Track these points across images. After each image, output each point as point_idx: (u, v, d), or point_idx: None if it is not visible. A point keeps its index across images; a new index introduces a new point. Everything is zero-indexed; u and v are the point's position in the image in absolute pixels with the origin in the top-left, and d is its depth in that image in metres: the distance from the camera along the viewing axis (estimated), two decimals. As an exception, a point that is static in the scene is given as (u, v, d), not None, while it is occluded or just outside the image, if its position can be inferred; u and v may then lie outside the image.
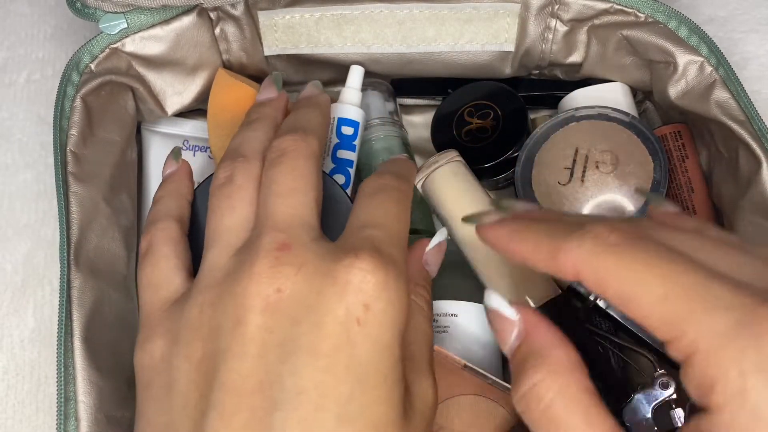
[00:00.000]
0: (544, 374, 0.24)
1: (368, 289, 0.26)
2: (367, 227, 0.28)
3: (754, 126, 0.37)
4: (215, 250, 0.29)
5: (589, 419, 0.23)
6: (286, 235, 0.28)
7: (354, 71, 0.43)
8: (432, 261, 0.33)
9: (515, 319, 0.26)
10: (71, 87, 0.39)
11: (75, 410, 0.33)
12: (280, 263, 0.27)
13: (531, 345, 0.25)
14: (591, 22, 0.41)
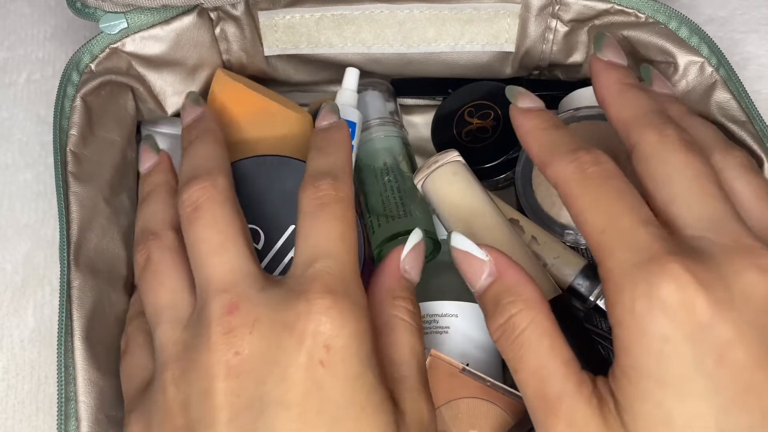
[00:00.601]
0: (521, 307, 0.28)
1: (326, 330, 0.26)
2: (312, 261, 0.28)
3: (756, 126, 0.36)
4: (164, 327, 0.29)
5: (553, 344, 0.27)
6: (230, 295, 0.28)
7: (349, 73, 0.43)
8: (411, 266, 0.32)
9: (486, 260, 0.29)
10: (71, 87, 0.38)
11: (76, 410, 0.33)
12: (232, 326, 0.27)
13: (505, 283, 0.29)
14: (591, 22, 0.41)
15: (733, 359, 0.24)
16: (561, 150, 0.29)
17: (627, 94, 0.31)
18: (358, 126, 0.42)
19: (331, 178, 0.31)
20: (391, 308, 0.31)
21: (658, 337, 0.24)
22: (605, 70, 0.32)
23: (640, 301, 0.25)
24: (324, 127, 0.35)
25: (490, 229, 0.36)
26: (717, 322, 0.24)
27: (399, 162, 0.43)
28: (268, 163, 0.37)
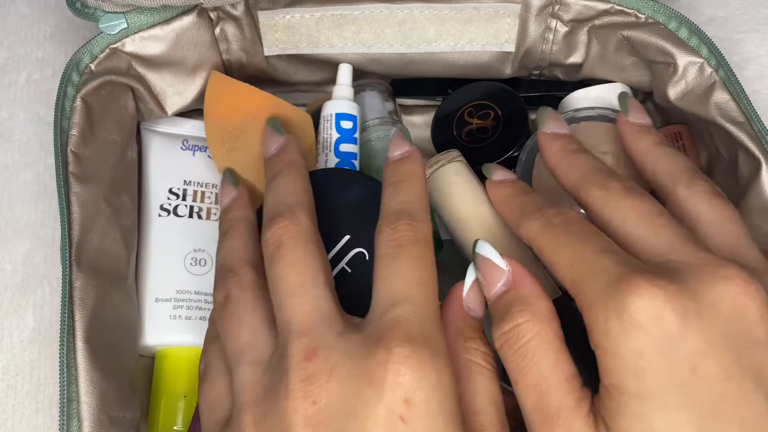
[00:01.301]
0: (528, 317, 0.28)
1: (406, 382, 0.25)
2: (391, 307, 0.27)
3: (754, 128, 0.37)
4: (244, 369, 0.29)
5: (557, 359, 0.27)
6: (309, 339, 0.27)
7: (343, 68, 0.43)
8: (473, 303, 0.31)
9: (506, 269, 0.30)
10: (71, 87, 0.38)
11: (77, 411, 0.33)
12: (309, 373, 0.26)
13: (519, 292, 0.29)
14: (591, 22, 0.41)
15: (706, 370, 0.24)
16: (528, 210, 0.32)
17: (571, 158, 0.34)
18: (358, 119, 0.42)
19: (408, 218, 0.30)
20: (464, 352, 0.29)
21: (632, 353, 0.25)
22: (550, 141, 0.35)
23: (612, 321, 0.25)
24: (397, 158, 0.34)
25: (491, 229, 0.36)
26: (687, 333, 0.25)
27: (399, 162, 0.43)
28: (334, 175, 0.37)
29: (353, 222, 0.31)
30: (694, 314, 0.25)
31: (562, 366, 0.27)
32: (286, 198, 0.32)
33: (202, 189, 0.43)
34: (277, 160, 0.35)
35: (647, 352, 0.25)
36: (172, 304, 0.40)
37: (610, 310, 0.25)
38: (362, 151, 0.44)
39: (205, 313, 0.40)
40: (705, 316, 0.25)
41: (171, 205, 0.42)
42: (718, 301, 0.25)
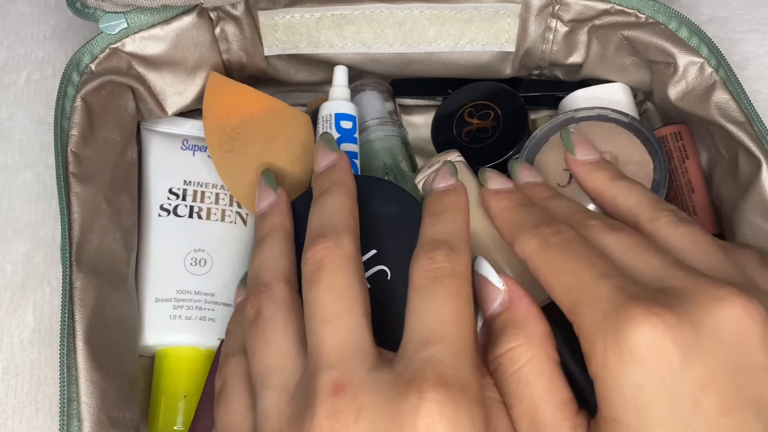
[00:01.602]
0: (523, 341, 0.27)
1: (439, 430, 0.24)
2: (425, 345, 0.26)
3: (754, 127, 0.37)
4: (270, 394, 0.28)
5: (552, 386, 0.27)
6: (339, 372, 0.26)
7: (338, 70, 0.43)
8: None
9: (502, 289, 0.30)
10: (71, 87, 0.38)
11: (78, 411, 0.33)
12: (336, 410, 0.25)
13: (513, 314, 0.29)
14: (591, 22, 0.41)
15: (708, 404, 0.24)
16: (525, 227, 0.31)
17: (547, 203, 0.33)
18: (356, 119, 0.42)
19: (447, 249, 0.29)
20: (484, 389, 0.28)
21: (632, 386, 0.24)
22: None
23: (611, 352, 0.25)
24: (441, 189, 0.33)
25: (491, 229, 0.36)
26: (688, 366, 0.24)
27: (399, 162, 0.43)
28: (370, 184, 0.35)
29: (382, 237, 0.30)
30: (695, 344, 0.24)
31: (556, 392, 0.27)
32: (332, 219, 0.31)
33: (202, 189, 0.43)
34: (327, 177, 0.34)
35: (647, 386, 0.24)
36: (172, 304, 0.40)
37: (609, 341, 0.25)
38: (362, 151, 0.44)
39: (205, 313, 0.40)
40: (706, 345, 0.24)
41: (171, 205, 0.42)
42: (719, 327, 0.24)
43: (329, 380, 0.26)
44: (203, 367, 0.39)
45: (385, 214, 0.34)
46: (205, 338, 0.40)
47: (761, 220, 0.37)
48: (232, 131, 0.41)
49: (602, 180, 0.34)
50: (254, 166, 0.41)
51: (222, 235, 0.42)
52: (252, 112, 0.41)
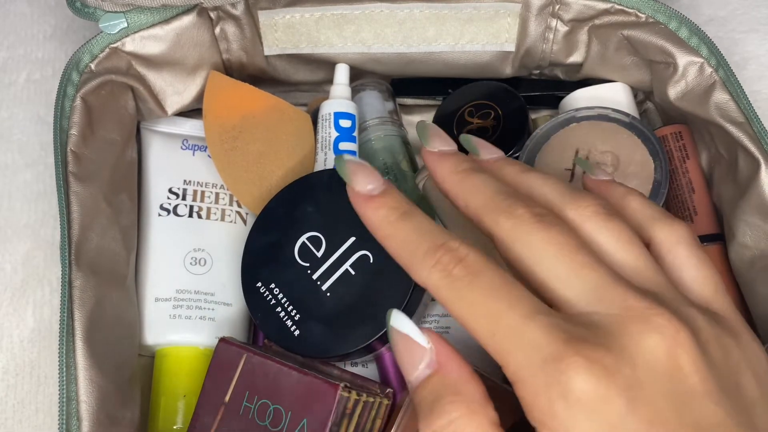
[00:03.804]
0: (463, 412, 0.25)
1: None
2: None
3: (754, 128, 0.37)
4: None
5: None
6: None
7: (340, 68, 0.43)
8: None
9: (427, 347, 0.26)
10: (71, 87, 0.38)
11: (77, 410, 0.33)
12: None
13: (445, 378, 0.26)
14: (592, 22, 0.41)
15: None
16: (418, 253, 0.27)
17: (466, 182, 0.29)
18: (356, 117, 0.42)
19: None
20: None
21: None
22: (438, 162, 0.31)
23: (557, 403, 0.23)
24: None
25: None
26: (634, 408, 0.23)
27: (399, 161, 0.43)
28: (330, 178, 0.37)
29: (359, 223, 0.31)
30: (636, 383, 0.23)
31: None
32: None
33: (202, 189, 0.43)
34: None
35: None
36: (171, 303, 0.40)
37: (554, 392, 0.23)
38: (362, 151, 0.44)
39: (205, 313, 0.40)
40: (645, 381, 0.24)
41: (171, 205, 0.42)
42: (653, 358, 0.24)
43: None
44: (203, 367, 0.39)
45: None
46: (204, 338, 0.40)
47: (760, 220, 0.37)
48: (232, 130, 0.41)
49: (513, 173, 0.31)
50: (254, 165, 0.41)
51: (222, 234, 0.42)
52: (252, 111, 0.41)
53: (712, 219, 0.41)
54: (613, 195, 0.31)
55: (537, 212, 0.27)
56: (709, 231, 0.40)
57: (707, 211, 0.41)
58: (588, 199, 0.28)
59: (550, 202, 0.29)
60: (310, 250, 0.35)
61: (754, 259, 0.37)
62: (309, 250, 0.35)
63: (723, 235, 0.40)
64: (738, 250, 0.38)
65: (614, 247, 0.27)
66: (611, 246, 0.27)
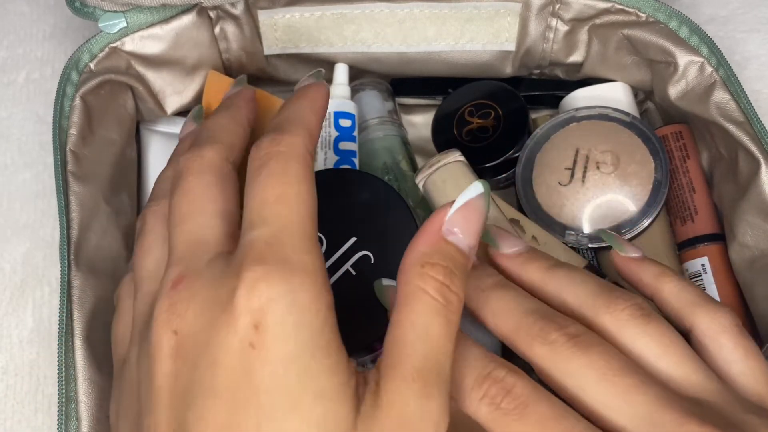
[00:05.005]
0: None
1: (255, 307, 0.23)
2: (248, 230, 0.25)
3: (754, 127, 0.36)
4: (139, 300, 0.28)
5: None
6: (181, 267, 0.26)
7: (339, 68, 0.43)
8: (461, 227, 0.26)
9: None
10: (71, 86, 0.38)
11: (76, 410, 0.33)
12: (172, 302, 0.25)
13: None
14: (592, 21, 0.41)
15: None
16: (465, 384, 0.26)
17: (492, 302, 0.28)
18: (356, 117, 0.42)
19: (274, 134, 0.27)
20: (416, 278, 0.25)
21: None
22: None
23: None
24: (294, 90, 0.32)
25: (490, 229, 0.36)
26: None
27: (399, 161, 0.43)
28: (341, 175, 0.37)
29: (359, 224, 0.30)
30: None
31: None
32: (204, 134, 0.30)
33: (202, 188, 0.43)
34: (220, 104, 0.34)
35: None
36: (171, 303, 0.40)
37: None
38: (361, 150, 0.44)
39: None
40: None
41: (170, 205, 0.42)
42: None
43: (171, 276, 0.26)
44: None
45: (358, 202, 0.34)
46: (204, 338, 0.40)
47: (760, 220, 0.36)
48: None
49: (539, 271, 0.30)
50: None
51: (221, 234, 0.42)
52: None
53: (712, 218, 0.40)
54: (645, 275, 0.30)
55: (572, 333, 0.26)
56: (709, 231, 0.40)
57: (707, 211, 0.41)
58: (622, 301, 0.27)
59: (582, 306, 0.28)
60: None
61: (754, 259, 0.37)
62: None
63: (723, 235, 0.40)
64: (738, 249, 0.38)
65: (656, 353, 0.26)
66: (653, 352, 0.26)
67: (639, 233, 0.39)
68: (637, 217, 0.39)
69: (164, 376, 0.24)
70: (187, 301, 0.25)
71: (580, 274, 0.29)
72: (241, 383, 0.23)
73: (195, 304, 0.24)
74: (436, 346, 0.24)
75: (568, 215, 0.39)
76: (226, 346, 0.23)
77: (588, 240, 0.39)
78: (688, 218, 0.41)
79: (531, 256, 0.31)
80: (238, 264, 0.24)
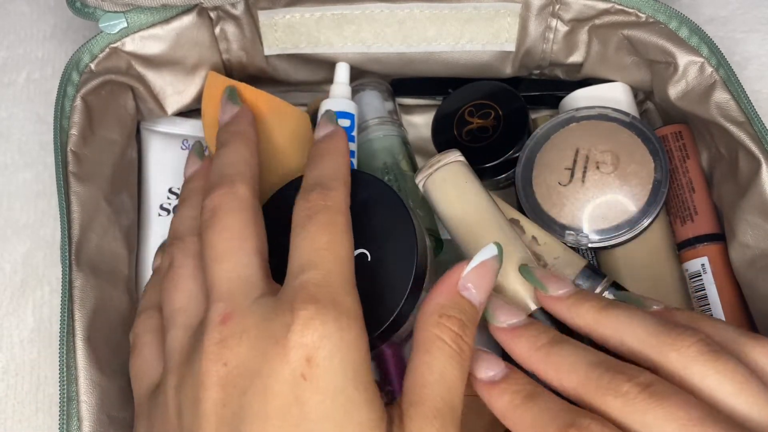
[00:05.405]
0: None
1: (308, 342, 0.26)
2: (300, 272, 0.28)
3: (754, 127, 0.36)
4: (175, 332, 0.30)
5: None
6: (226, 304, 0.28)
7: (340, 67, 0.43)
8: (475, 284, 0.29)
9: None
10: (71, 86, 0.38)
11: (77, 410, 0.33)
12: (222, 337, 0.27)
13: None
14: (592, 22, 0.41)
15: None
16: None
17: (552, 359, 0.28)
18: (355, 117, 0.42)
19: (320, 188, 0.31)
20: (434, 327, 0.28)
21: None
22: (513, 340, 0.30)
23: None
24: (320, 137, 0.35)
25: (491, 229, 0.36)
26: None
27: (399, 161, 0.43)
28: None
29: (356, 222, 0.31)
30: None
31: None
32: (227, 168, 0.32)
33: (202, 188, 0.43)
34: (227, 130, 0.35)
35: None
36: (171, 303, 0.40)
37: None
38: (361, 151, 0.44)
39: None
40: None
41: (171, 205, 0.42)
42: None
43: (218, 312, 0.28)
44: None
45: (357, 202, 0.34)
46: (204, 338, 0.40)
47: (761, 219, 0.36)
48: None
49: (592, 312, 0.30)
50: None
51: (222, 234, 0.42)
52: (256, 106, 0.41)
53: (712, 218, 0.41)
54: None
55: (644, 383, 0.25)
56: (709, 231, 0.40)
57: (707, 211, 0.41)
58: (687, 337, 0.27)
59: (644, 345, 0.27)
60: None
61: (754, 259, 0.37)
62: None
63: (723, 235, 0.40)
64: (739, 249, 0.38)
65: (730, 392, 0.26)
66: (726, 390, 0.26)
67: (639, 233, 0.39)
68: (636, 217, 0.39)
69: (212, 402, 0.26)
70: (239, 336, 0.27)
71: (636, 312, 0.29)
72: (291, 410, 0.25)
73: (247, 339, 0.27)
74: (452, 389, 0.27)
75: (568, 215, 0.39)
76: (278, 376, 0.26)
77: (588, 240, 0.39)
78: (687, 218, 0.41)
79: (582, 297, 0.31)
80: (290, 302, 0.27)
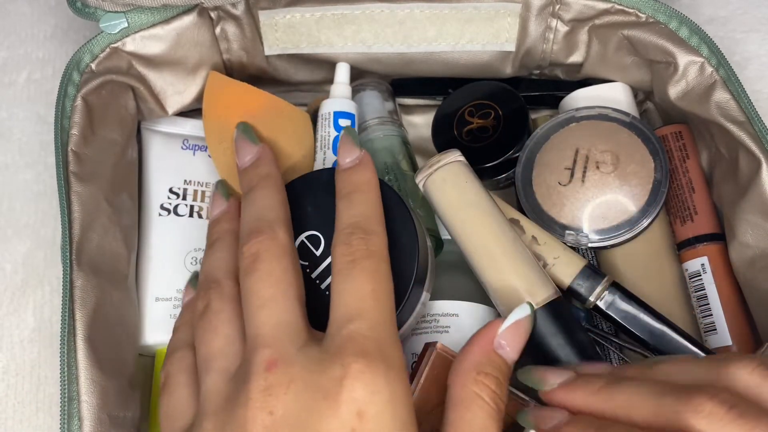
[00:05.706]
0: None
1: (359, 397, 0.26)
2: (346, 322, 0.28)
3: (755, 127, 0.37)
4: (212, 376, 0.30)
5: None
6: (272, 351, 0.28)
7: (340, 67, 0.43)
8: (509, 342, 0.30)
9: None
10: (72, 86, 0.38)
11: (78, 410, 0.33)
12: (268, 384, 0.27)
13: None
14: (592, 22, 0.41)
15: None
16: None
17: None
18: (356, 117, 0.42)
19: (362, 232, 0.31)
20: (472, 384, 0.29)
21: None
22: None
23: None
24: (347, 166, 0.34)
25: (491, 229, 0.36)
26: None
27: (399, 161, 0.43)
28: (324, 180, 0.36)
29: None
30: None
31: None
32: (265, 213, 0.33)
33: (203, 188, 0.43)
34: (254, 173, 0.35)
35: None
36: (172, 303, 0.40)
37: None
38: (362, 151, 0.44)
39: (205, 313, 0.40)
40: None
41: (171, 205, 0.42)
42: None
43: (264, 358, 0.28)
44: (203, 367, 0.39)
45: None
46: (205, 338, 0.40)
47: (761, 219, 0.37)
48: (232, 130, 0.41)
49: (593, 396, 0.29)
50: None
51: (222, 234, 0.42)
52: (252, 111, 0.41)
53: (712, 218, 0.41)
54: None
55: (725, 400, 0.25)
56: (709, 230, 0.40)
57: (707, 211, 0.41)
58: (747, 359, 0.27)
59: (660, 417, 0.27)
60: (309, 249, 0.35)
61: (755, 258, 0.37)
62: (308, 248, 0.35)
63: (723, 235, 0.40)
64: (739, 249, 0.38)
65: None
66: None
67: (638, 233, 0.39)
68: (636, 216, 0.39)
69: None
70: (286, 385, 0.27)
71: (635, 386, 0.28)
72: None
73: (294, 388, 0.27)
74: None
75: (568, 215, 0.39)
76: (328, 429, 0.26)
77: (588, 240, 0.39)
78: (687, 218, 0.41)
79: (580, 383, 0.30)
80: (339, 353, 0.27)
